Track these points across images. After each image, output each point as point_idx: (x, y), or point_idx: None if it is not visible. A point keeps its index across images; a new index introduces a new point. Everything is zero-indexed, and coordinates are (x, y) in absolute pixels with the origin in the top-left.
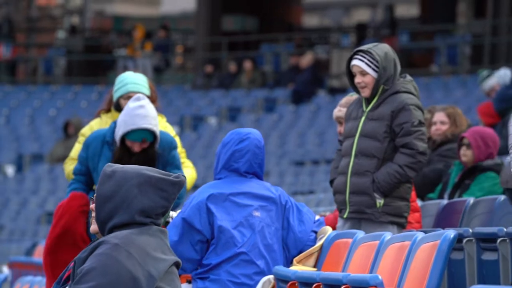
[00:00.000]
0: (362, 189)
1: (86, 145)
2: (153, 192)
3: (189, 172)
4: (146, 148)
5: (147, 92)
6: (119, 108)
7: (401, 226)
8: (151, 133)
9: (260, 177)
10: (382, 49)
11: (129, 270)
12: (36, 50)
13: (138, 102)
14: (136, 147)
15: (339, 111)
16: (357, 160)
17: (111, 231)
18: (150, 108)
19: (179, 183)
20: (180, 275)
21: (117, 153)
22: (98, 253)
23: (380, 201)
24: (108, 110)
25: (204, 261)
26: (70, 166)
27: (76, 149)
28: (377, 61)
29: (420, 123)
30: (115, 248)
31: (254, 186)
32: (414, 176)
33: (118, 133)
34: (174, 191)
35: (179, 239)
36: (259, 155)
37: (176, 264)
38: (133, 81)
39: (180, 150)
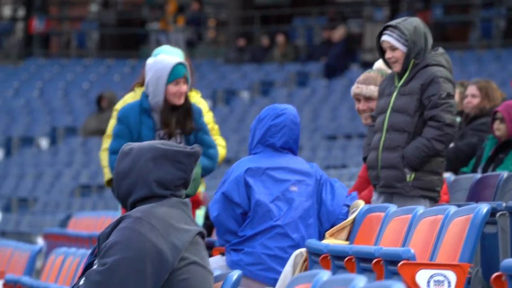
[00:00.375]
0: (392, 163)
1: (124, 117)
2: (170, 164)
3: (219, 150)
4: (185, 100)
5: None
6: None
7: (434, 200)
8: (184, 67)
9: (295, 153)
10: (411, 23)
11: (152, 242)
12: (69, 24)
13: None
14: (182, 87)
15: (357, 88)
16: (389, 135)
17: (133, 206)
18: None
19: (195, 154)
20: (215, 247)
21: (163, 113)
22: (121, 227)
23: (410, 175)
24: (142, 84)
25: (239, 232)
26: (106, 143)
27: (111, 125)
28: (406, 36)
29: (449, 95)
30: (138, 222)
31: (291, 161)
32: (442, 149)
33: (160, 86)
34: (190, 162)
35: (221, 213)
36: (294, 130)
37: (201, 234)
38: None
39: (212, 126)
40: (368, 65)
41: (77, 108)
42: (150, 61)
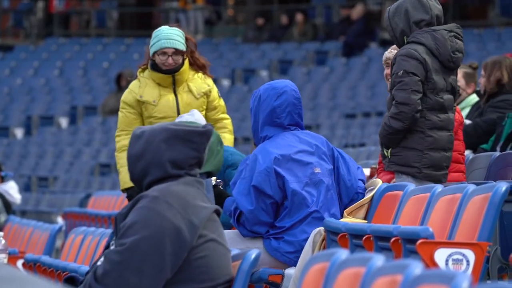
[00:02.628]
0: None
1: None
2: (182, 144)
3: (226, 135)
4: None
5: (183, 47)
6: (154, 66)
7: (412, 176)
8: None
9: (302, 127)
10: (395, 3)
11: (171, 221)
12: (89, 3)
13: None
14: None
15: (390, 52)
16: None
17: (148, 187)
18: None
19: (207, 133)
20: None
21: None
22: (139, 207)
23: (387, 151)
24: (146, 68)
25: (278, 223)
26: (119, 141)
27: (120, 119)
28: (386, 23)
29: (406, 73)
30: (155, 201)
31: (304, 140)
32: (399, 127)
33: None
34: (202, 141)
35: (254, 206)
36: (298, 105)
37: (217, 212)
38: (167, 36)
39: (218, 103)
40: (387, 43)
41: (97, 87)
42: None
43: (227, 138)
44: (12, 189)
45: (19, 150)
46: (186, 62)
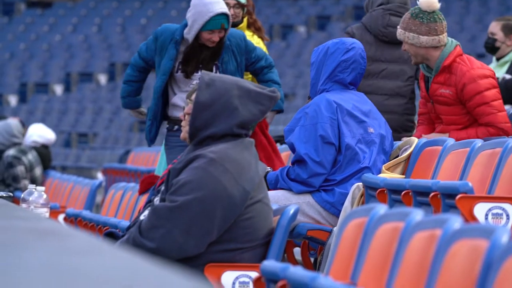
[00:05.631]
0: None
1: (156, 36)
2: (253, 105)
3: None
4: (218, 42)
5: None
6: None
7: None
8: (227, 17)
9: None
10: None
11: (224, 186)
12: None
13: None
14: (215, 37)
15: None
16: None
17: (204, 140)
18: None
19: (275, 98)
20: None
21: (189, 49)
22: (194, 166)
23: None
24: None
25: (329, 176)
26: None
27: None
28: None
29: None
30: (212, 163)
31: (361, 101)
32: None
33: (193, 29)
34: (270, 105)
35: (320, 158)
36: (362, 65)
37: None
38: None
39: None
40: None
41: (135, 44)
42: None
43: None
44: (39, 130)
45: (58, 107)
46: (245, 20)
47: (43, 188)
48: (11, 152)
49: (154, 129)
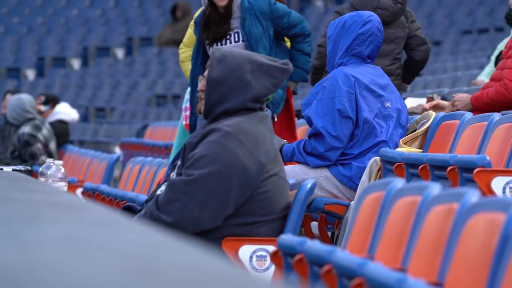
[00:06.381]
0: None
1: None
2: (265, 79)
3: None
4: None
5: None
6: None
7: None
8: None
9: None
10: None
11: (240, 159)
12: None
13: None
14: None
15: None
16: None
17: (219, 115)
18: None
19: (288, 70)
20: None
21: (205, 14)
22: (210, 140)
23: None
24: None
25: (346, 150)
26: (182, 53)
27: (188, 34)
28: None
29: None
30: (227, 136)
31: (378, 74)
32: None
33: None
34: (283, 78)
35: (337, 132)
36: (379, 38)
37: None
38: None
39: None
40: None
41: (152, 18)
42: None
43: None
44: (67, 109)
45: (76, 81)
46: None
47: (61, 162)
48: (26, 129)
49: (194, 117)
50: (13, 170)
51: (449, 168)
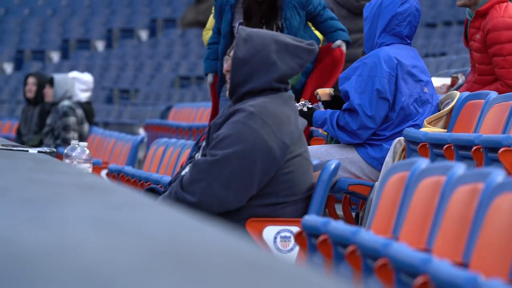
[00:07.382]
0: None
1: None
2: (291, 59)
3: None
4: None
5: None
6: None
7: None
8: None
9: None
10: None
11: (264, 139)
12: None
13: None
14: None
15: None
16: None
17: (244, 95)
18: None
19: (313, 51)
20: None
21: (245, 4)
22: (234, 120)
23: None
24: None
25: (378, 131)
26: (206, 35)
27: (211, 19)
28: None
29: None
30: (251, 117)
31: (417, 57)
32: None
33: None
34: (308, 58)
35: (372, 113)
36: (417, 17)
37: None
38: None
39: None
40: None
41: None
42: None
43: None
44: (75, 75)
45: (100, 63)
46: None
47: (85, 143)
48: (66, 102)
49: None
50: (39, 152)
51: (474, 148)
